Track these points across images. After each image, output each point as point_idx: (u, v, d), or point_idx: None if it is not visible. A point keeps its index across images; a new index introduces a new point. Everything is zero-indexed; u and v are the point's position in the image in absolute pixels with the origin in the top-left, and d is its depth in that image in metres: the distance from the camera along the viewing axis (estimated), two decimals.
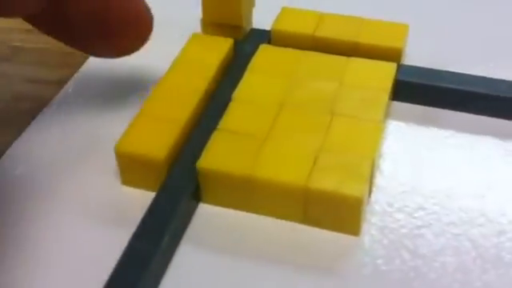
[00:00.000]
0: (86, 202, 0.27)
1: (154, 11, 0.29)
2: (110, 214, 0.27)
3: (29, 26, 0.28)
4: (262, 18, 0.34)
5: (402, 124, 0.30)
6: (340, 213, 0.25)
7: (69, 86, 0.33)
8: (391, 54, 0.31)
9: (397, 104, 0.31)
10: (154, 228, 0.25)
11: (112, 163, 0.27)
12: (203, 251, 0.25)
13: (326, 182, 0.25)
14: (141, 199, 0.27)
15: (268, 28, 0.33)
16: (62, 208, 0.27)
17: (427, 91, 0.30)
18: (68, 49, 0.29)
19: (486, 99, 0.30)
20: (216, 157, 0.26)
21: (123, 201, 0.27)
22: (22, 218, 0.27)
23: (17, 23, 0.34)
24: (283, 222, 0.26)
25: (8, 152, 0.29)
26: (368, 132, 0.27)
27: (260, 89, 0.29)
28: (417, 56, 0.33)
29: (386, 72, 0.30)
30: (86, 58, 0.35)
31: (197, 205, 0.27)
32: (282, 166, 0.25)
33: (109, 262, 0.23)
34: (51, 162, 0.29)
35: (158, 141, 0.27)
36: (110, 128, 0.29)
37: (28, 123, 0.31)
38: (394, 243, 0.25)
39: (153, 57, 0.34)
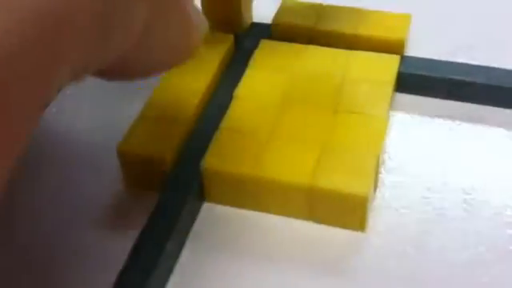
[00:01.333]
0: (89, 204, 0.27)
1: None
2: (113, 215, 0.27)
3: None
4: (262, 11, 0.34)
5: (406, 116, 0.30)
6: (345, 210, 0.25)
7: (68, 88, 0.33)
8: (394, 46, 0.31)
9: (401, 96, 0.31)
10: (159, 229, 0.24)
11: (115, 164, 0.27)
12: (209, 250, 0.25)
13: (331, 180, 0.24)
14: (144, 200, 0.26)
15: (269, 21, 0.33)
16: (64, 210, 0.27)
17: (431, 82, 0.30)
18: None
19: (492, 89, 0.30)
20: (220, 156, 0.26)
21: (127, 202, 0.27)
22: (22, 220, 0.26)
23: None
24: (289, 219, 0.26)
25: None
26: (372, 128, 0.27)
27: (262, 86, 0.29)
28: (420, 46, 0.32)
29: (389, 65, 0.30)
30: None
31: (201, 204, 0.27)
32: (287, 164, 0.25)
33: (115, 263, 0.23)
34: (52, 164, 0.29)
35: (161, 141, 0.27)
36: (112, 129, 0.29)
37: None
38: (400, 239, 0.25)
39: None
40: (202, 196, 0.27)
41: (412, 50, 0.32)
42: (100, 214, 0.27)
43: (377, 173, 0.26)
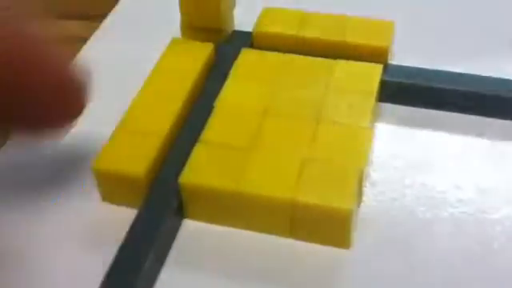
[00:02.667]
0: (65, 221, 0.26)
1: (132, 15, 0.28)
2: (90, 232, 0.26)
3: None
4: (244, 19, 0.33)
5: (390, 127, 0.29)
6: (329, 226, 0.24)
7: None
8: (378, 53, 0.30)
9: (385, 105, 0.30)
10: (137, 247, 0.24)
11: (91, 180, 0.26)
12: (189, 269, 0.24)
13: (314, 194, 0.24)
14: (122, 216, 0.26)
15: (251, 29, 0.32)
16: (39, 227, 0.26)
17: (415, 91, 0.30)
18: None
19: (476, 98, 0.29)
20: (199, 171, 0.25)
21: (104, 218, 0.26)
22: None
23: None
24: (270, 236, 0.25)
25: None
26: (356, 139, 0.26)
27: (243, 96, 0.28)
28: (404, 54, 0.32)
29: (372, 74, 0.29)
30: None
31: (181, 221, 0.26)
32: (268, 178, 0.24)
33: (91, 281, 0.22)
34: (27, 180, 0.28)
35: (138, 155, 0.26)
36: (89, 143, 0.28)
37: (3, 141, 0.29)
38: (386, 254, 0.24)
39: (131, 63, 0.33)
40: (181, 212, 0.26)
41: (397, 58, 0.31)
42: (75, 231, 0.26)
43: (361, 186, 0.25)
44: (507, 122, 0.29)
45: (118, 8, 0.37)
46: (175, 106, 0.28)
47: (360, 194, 0.25)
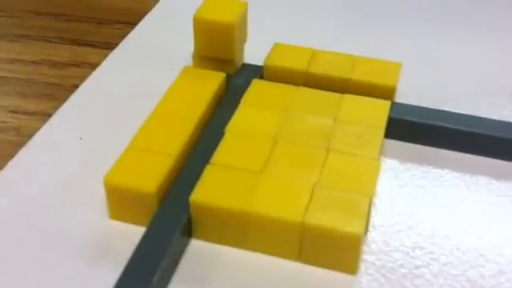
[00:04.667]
0: (71, 237, 0.26)
1: (144, 43, 0.28)
2: (97, 249, 0.26)
3: (14, 56, 0.27)
4: (253, 54, 0.34)
5: (396, 162, 0.30)
6: (337, 250, 0.24)
7: (54, 118, 0.32)
8: (384, 92, 0.31)
9: (390, 142, 0.30)
10: (144, 265, 0.23)
11: (99, 197, 0.27)
12: None
13: (324, 218, 0.24)
14: (129, 234, 0.26)
15: (259, 63, 0.33)
16: (46, 243, 0.26)
17: (421, 130, 0.30)
18: (54, 80, 0.28)
19: (480, 139, 0.30)
20: (209, 191, 0.25)
21: (111, 236, 0.26)
22: (4, 251, 0.25)
23: (2, 53, 0.33)
24: (278, 259, 0.25)
25: None
26: (365, 169, 0.26)
27: (254, 123, 0.29)
28: (409, 94, 0.32)
29: (380, 109, 0.30)
30: (73, 90, 0.34)
31: (189, 240, 0.26)
32: (278, 201, 0.25)
33: None
34: (36, 195, 0.28)
35: (149, 173, 0.26)
36: (99, 161, 0.28)
37: (11, 155, 0.30)
38: (392, 283, 0.24)
39: (143, 89, 0.33)
40: (189, 232, 0.26)
41: (401, 98, 0.32)
42: (82, 248, 0.26)
43: (369, 214, 0.26)
44: (506, 163, 0.30)
45: (130, 36, 0.38)
46: (187, 129, 0.28)
47: (368, 221, 0.26)
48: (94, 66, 0.36)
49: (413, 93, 0.33)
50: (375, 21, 0.40)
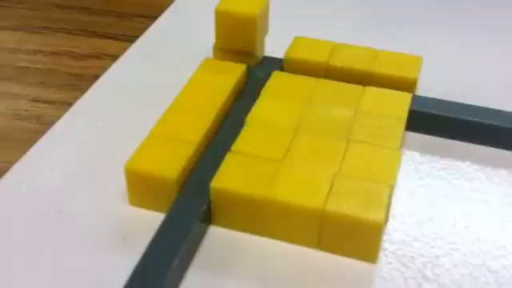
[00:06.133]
0: (92, 223, 0.26)
1: (165, 35, 0.28)
2: (117, 235, 0.26)
3: (36, 47, 0.27)
4: (274, 47, 0.34)
5: (416, 154, 0.30)
6: (358, 238, 0.24)
7: (76, 107, 0.32)
8: (405, 85, 0.31)
9: (411, 134, 0.30)
10: (163, 251, 0.24)
11: (119, 183, 0.27)
12: (212, 276, 0.24)
13: (345, 205, 0.24)
14: (149, 221, 0.26)
15: (280, 56, 0.33)
16: (67, 228, 0.26)
17: (442, 122, 0.30)
18: (75, 70, 0.29)
19: (501, 132, 0.29)
20: (230, 177, 0.25)
21: (131, 222, 0.26)
22: (25, 237, 0.25)
23: (24, 43, 0.34)
24: (298, 247, 0.25)
25: (12, 169, 0.29)
26: (385, 159, 0.26)
27: (274, 113, 0.29)
28: (429, 89, 0.32)
29: (402, 101, 0.30)
30: (94, 80, 0.34)
31: (207, 227, 0.26)
32: (299, 188, 0.25)
33: (115, 285, 0.23)
34: (56, 182, 0.28)
35: (170, 160, 0.26)
36: (119, 149, 0.28)
37: (34, 142, 0.30)
38: (412, 272, 0.24)
39: (163, 81, 0.33)
40: (209, 219, 0.26)
41: (421, 92, 0.32)
42: (102, 233, 0.26)
43: (389, 203, 0.26)
44: None
45: (151, 29, 0.38)
46: (208, 118, 0.28)
47: (388, 210, 0.26)
48: (114, 57, 0.36)
49: (433, 88, 0.32)
50: (396, 16, 0.40)
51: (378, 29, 0.39)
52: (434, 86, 0.33)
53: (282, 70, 0.33)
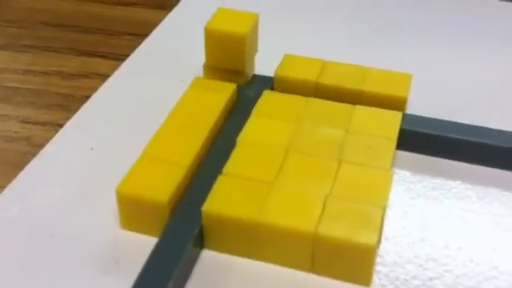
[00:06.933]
0: (83, 247, 0.26)
1: (154, 55, 0.28)
2: (108, 259, 0.26)
3: (26, 67, 0.27)
4: (264, 65, 0.34)
5: (407, 174, 0.30)
6: (351, 261, 0.24)
7: (66, 129, 0.32)
8: (395, 103, 0.31)
9: (402, 153, 0.30)
10: (156, 276, 0.23)
11: (111, 207, 0.27)
12: None
13: (337, 228, 0.24)
14: (140, 245, 0.26)
15: (270, 74, 0.33)
16: (57, 252, 0.26)
17: (433, 141, 0.30)
18: (65, 90, 0.29)
19: (491, 150, 0.30)
20: (221, 201, 0.25)
21: (122, 246, 0.26)
22: (15, 260, 0.25)
23: (12, 63, 0.33)
24: (291, 270, 0.25)
25: (3, 193, 0.28)
26: (377, 180, 0.26)
27: (265, 133, 0.29)
28: (419, 106, 0.32)
29: (392, 120, 0.30)
30: (84, 100, 0.34)
31: (200, 251, 0.26)
32: (290, 211, 0.25)
33: None
34: (47, 204, 0.28)
35: (161, 183, 0.26)
36: (110, 171, 0.28)
37: (24, 164, 0.30)
38: None
39: (153, 100, 0.33)
40: (201, 243, 0.26)
41: (411, 110, 0.32)
42: (93, 258, 0.26)
43: (382, 225, 0.26)
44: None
45: (141, 47, 0.38)
46: (199, 139, 0.28)
47: (381, 232, 0.26)
48: (104, 76, 0.36)
49: (423, 104, 0.32)
50: (385, 33, 0.40)
51: (367, 45, 0.39)
52: (424, 102, 0.33)
53: (272, 88, 0.33)
